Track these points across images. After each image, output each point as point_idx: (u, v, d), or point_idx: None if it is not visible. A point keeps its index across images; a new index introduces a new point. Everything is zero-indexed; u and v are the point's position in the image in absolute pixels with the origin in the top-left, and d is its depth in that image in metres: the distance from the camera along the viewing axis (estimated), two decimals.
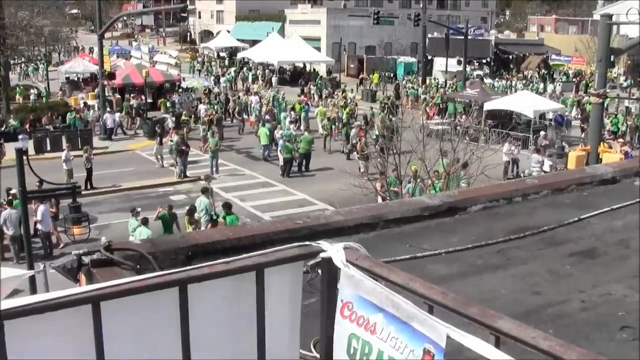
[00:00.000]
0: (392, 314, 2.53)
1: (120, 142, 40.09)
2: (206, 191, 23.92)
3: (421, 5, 64.23)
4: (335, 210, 5.73)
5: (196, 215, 22.21)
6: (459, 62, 63.05)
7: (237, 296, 2.79)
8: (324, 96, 52.72)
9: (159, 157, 34.00)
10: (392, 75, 68.94)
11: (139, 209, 22.02)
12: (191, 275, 2.62)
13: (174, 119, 41.14)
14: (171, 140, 33.23)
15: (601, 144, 27.49)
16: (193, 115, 44.01)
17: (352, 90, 55.07)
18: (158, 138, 34.80)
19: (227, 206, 21.80)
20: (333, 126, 39.81)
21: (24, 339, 2.41)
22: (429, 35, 68.77)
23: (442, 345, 2.33)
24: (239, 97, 48.25)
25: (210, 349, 2.76)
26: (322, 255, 2.84)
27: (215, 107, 44.48)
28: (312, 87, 57.49)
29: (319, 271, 2.98)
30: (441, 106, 47.99)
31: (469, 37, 62.29)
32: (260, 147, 36.11)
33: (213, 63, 77.67)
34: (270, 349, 2.88)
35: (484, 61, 74.15)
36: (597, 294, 4.57)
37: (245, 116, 44.53)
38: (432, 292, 2.53)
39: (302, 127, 38.81)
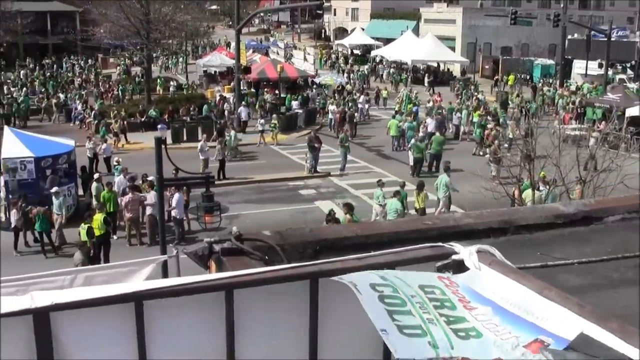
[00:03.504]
0: (504, 308, 2.40)
1: (253, 134, 40.98)
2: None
3: (562, 5, 62.11)
4: (465, 213, 5.61)
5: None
6: (600, 65, 60.62)
7: None
8: (458, 96, 52.03)
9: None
10: (528, 77, 67.18)
11: (384, 180, 25.03)
12: (323, 269, 2.62)
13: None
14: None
15: None
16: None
17: (482, 92, 54.00)
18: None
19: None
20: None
21: (161, 318, 2.50)
22: (569, 37, 66.51)
23: (568, 338, 2.20)
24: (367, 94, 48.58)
25: (337, 346, 2.76)
26: (454, 257, 2.78)
27: (349, 104, 44.73)
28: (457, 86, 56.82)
29: (447, 273, 2.91)
30: (579, 110, 46.38)
31: (612, 39, 59.81)
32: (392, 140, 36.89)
33: (341, 60, 78.04)
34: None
35: (628, 64, 70.96)
36: None
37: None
38: (567, 302, 2.42)
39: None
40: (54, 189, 23.70)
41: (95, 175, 26.70)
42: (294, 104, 45.86)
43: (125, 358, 2.55)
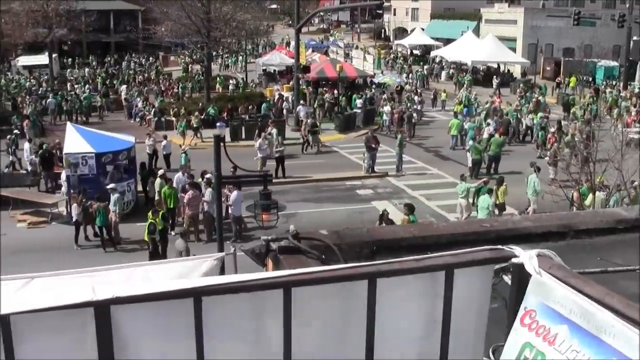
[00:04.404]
0: (579, 326, 2.40)
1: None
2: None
3: (627, 5, 60.74)
4: (524, 216, 5.54)
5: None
6: None
7: (423, 294, 2.76)
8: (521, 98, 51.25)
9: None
10: (590, 79, 65.87)
11: (467, 175, 25.77)
12: (381, 269, 2.62)
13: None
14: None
15: None
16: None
17: (542, 94, 53.09)
18: None
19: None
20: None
21: (219, 315, 2.53)
22: (634, 38, 64.98)
23: None
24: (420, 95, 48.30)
25: (393, 344, 2.75)
26: (513, 260, 2.74)
27: (407, 104, 44.54)
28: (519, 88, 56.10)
29: (503, 277, 2.88)
30: None
31: None
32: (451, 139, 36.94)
33: (400, 60, 77.70)
34: (453, 351, 2.83)
35: None
36: None
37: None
38: (630, 310, 2.37)
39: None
40: (111, 185, 24.08)
41: (160, 172, 27.01)
42: (359, 102, 45.81)
43: (183, 352, 2.58)
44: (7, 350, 2.42)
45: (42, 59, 62.20)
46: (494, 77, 63.21)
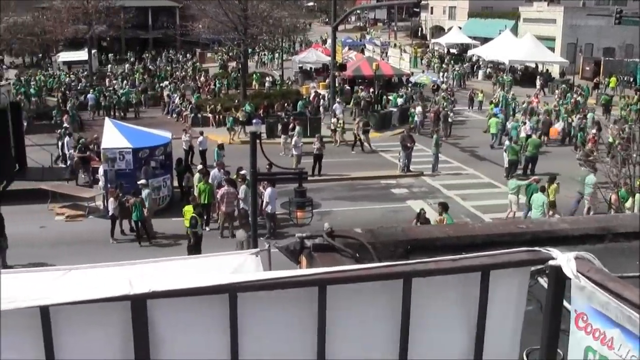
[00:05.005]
0: (630, 331, 2.36)
1: (347, 132, 41.08)
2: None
3: None
4: (560, 218, 5.49)
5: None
6: None
7: (459, 295, 2.74)
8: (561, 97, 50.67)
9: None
10: (631, 79, 64.89)
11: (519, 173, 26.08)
12: (417, 269, 2.61)
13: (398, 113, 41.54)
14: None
15: None
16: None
17: (584, 95, 52.41)
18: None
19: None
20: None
21: (253, 311, 2.54)
22: None
23: None
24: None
25: (428, 345, 2.74)
26: (550, 262, 2.71)
27: (444, 103, 44.32)
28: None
29: (539, 279, 2.85)
30: None
31: None
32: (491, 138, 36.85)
33: (435, 60, 77.25)
34: (488, 353, 2.81)
35: None
36: None
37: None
38: None
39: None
40: (141, 181, 24.26)
41: (199, 167, 27.18)
42: (400, 101, 45.68)
43: (217, 349, 2.59)
44: (46, 341, 2.46)
45: (82, 55, 63.05)
46: (537, 77, 62.58)
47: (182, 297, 2.47)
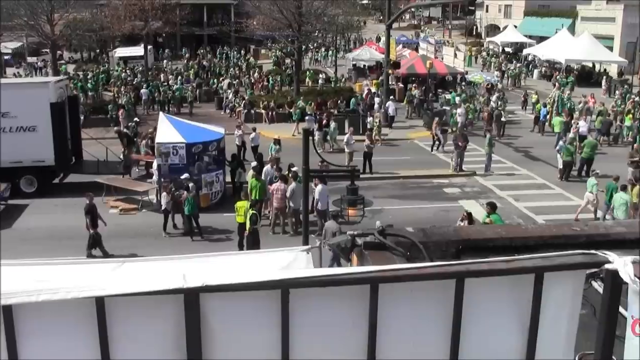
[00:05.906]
0: None
1: (399, 130, 40.86)
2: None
3: None
4: (616, 221, 5.39)
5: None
6: None
7: (512, 296, 2.72)
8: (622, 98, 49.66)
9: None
10: None
11: (598, 171, 25.52)
12: (470, 269, 2.60)
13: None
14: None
15: None
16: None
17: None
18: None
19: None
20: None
21: (305, 307, 2.55)
22: None
23: None
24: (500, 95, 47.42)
25: (479, 345, 2.73)
26: (607, 266, 2.66)
27: (498, 102, 43.81)
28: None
29: (592, 283, 2.81)
30: None
31: None
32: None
33: (493, 59, 76.41)
34: (540, 356, 2.77)
35: None
36: None
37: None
38: None
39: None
40: (184, 175, 24.37)
41: (253, 163, 27.29)
42: (457, 99, 45.35)
43: (268, 344, 2.61)
44: (101, 330, 2.51)
45: (138, 50, 63.99)
46: (603, 77, 61.49)
47: (235, 291, 2.50)
